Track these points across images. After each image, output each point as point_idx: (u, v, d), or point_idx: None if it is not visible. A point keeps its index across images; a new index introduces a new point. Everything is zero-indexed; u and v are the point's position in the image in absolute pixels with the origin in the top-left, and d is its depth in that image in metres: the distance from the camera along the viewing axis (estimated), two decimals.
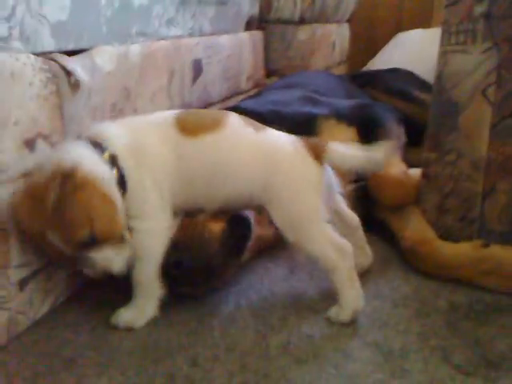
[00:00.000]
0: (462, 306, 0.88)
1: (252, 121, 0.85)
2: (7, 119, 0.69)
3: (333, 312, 0.83)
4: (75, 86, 0.80)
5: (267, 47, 1.88)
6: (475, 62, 0.98)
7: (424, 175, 1.07)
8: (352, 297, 0.81)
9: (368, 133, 1.16)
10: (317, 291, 0.93)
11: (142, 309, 0.81)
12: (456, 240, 1.00)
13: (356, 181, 1.17)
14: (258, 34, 1.73)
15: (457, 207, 1.04)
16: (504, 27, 0.92)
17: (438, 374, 0.72)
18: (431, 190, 1.07)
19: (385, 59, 2.26)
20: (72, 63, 0.80)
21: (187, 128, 0.80)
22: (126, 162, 0.78)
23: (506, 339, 0.79)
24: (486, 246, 0.96)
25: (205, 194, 0.82)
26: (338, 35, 2.40)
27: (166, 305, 0.83)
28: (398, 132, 1.21)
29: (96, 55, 0.86)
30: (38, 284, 0.79)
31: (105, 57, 0.88)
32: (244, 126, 0.83)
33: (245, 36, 1.60)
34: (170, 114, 0.83)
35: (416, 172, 1.11)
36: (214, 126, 0.81)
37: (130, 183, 0.78)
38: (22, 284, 0.76)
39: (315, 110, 1.18)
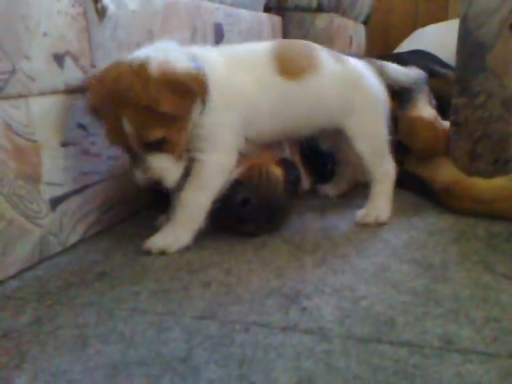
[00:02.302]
0: (502, 233, 0.86)
1: (329, 49, 0.92)
2: (36, 28, 0.70)
3: (360, 214, 0.92)
4: (102, 12, 0.81)
5: (285, 34, 1.89)
6: None
7: (453, 123, 1.06)
8: (384, 205, 0.92)
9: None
10: (349, 225, 0.91)
11: (179, 235, 0.79)
12: None
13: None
14: (276, 19, 1.75)
15: (489, 150, 1.02)
16: None
17: (482, 280, 0.69)
18: (462, 137, 1.05)
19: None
20: None
21: (288, 71, 0.83)
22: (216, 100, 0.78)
23: None
24: None
25: (293, 127, 0.88)
26: (355, 32, 2.42)
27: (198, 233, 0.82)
28: (427, 88, 1.21)
29: None
30: (69, 207, 0.79)
31: None
32: (331, 58, 0.89)
33: (264, 16, 1.62)
34: (268, 56, 0.83)
35: (446, 122, 1.10)
36: (312, 66, 0.86)
37: (210, 120, 0.78)
38: (54, 203, 0.76)
39: None
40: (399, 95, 1.17)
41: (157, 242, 0.79)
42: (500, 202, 0.92)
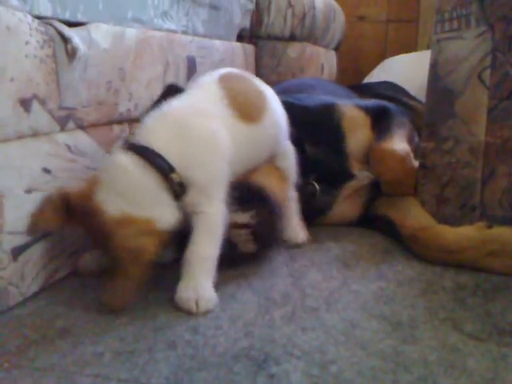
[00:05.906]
0: (469, 285, 0.86)
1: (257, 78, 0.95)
2: (3, 73, 0.68)
3: (289, 236, 1.01)
4: (72, 53, 0.79)
5: (258, 62, 1.90)
6: (470, 47, 0.99)
7: (422, 166, 1.07)
8: (301, 225, 1.03)
9: (380, 124, 1.17)
10: (319, 274, 0.90)
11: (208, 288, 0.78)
12: None
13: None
14: (249, 47, 1.75)
15: (456, 196, 1.03)
16: (497, 7, 0.94)
17: (449, 341, 0.69)
18: (430, 181, 1.06)
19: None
20: (69, 31, 0.79)
21: (245, 115, 0.84)
22: (190, 171, 0.76)
23: None
24: (490, 227, 0.94)
25: (254, 161, 0.91)
26: (327, 60, 2.44)
27: (162, 283, 0.80)
28: (409, 126, 1.22)
29: (92, 30, 0.85)
30: (31, 256, 0.76)
31: (101, 33, 0.87)
32: (271, 91, 0.94)
33: (237, 46, 1.62)
34: (221, 101, 0.83)
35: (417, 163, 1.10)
36: (264, 103, 0.89)
37: (197, 185, 0.77)
38: (16, 253, 0.73)
39: (336, 100, 1.20)
40: (378, 127, 1.17)
41: (188, 297, 0.75)
42: (466, 252, 0.93)
